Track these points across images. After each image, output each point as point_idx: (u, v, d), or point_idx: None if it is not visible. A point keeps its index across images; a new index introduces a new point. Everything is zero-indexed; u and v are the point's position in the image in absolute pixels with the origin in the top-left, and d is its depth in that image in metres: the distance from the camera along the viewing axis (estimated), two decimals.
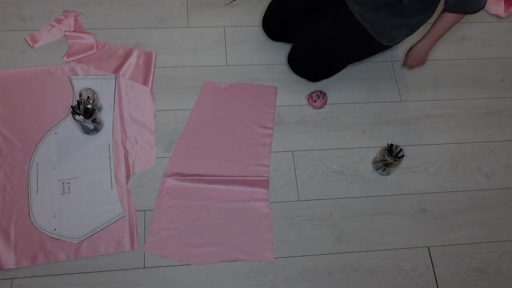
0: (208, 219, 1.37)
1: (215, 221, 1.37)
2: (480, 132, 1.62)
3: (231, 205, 1.39)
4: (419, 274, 1.37)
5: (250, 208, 1.39)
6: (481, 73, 1.74)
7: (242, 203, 1.40)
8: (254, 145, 1.50)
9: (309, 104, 1.59)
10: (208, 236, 1.35)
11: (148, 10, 1.75)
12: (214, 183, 1.41)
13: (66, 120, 1.49)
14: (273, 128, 1.54)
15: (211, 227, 1.36)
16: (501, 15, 1.86)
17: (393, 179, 1.51)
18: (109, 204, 1.38)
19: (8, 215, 1.34)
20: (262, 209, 1.40)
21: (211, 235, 1.35)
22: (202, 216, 1.37)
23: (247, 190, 1.41)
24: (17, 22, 1.67)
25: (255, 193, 1.41)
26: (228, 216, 1.38)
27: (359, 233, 1.41)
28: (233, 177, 1.42)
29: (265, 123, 1.54)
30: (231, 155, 1.47)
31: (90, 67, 1.59)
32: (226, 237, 1.35)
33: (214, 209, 1.38)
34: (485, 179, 1.54)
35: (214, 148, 1.47)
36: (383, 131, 1.58)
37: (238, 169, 1.44)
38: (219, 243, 1.34)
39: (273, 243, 1.36)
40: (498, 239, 1.44)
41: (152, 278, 1.31)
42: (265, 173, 1.45)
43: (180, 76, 1.62)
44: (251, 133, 1.52)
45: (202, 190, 1.40)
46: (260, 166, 1.46)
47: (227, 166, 1.45)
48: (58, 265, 1.30)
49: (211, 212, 1.37)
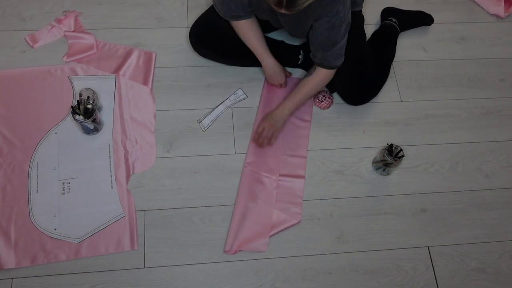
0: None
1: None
2: (480, 132, 1.62)
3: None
4: (419, 274, 1.37)
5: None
6: (481, 73, 1.74)
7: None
8: (293, 136, 1.53)
9: (316, 104, 1.59)
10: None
11: (148, 10, 1.75)
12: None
13: (66, 120, 1.49)
14: (311, 121, 1.57)
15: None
16: (501, 15, 1.86)
17: (393, 179, 1.51)
18: (109, 204, 1.38)
19: (8, 215, 1.34)
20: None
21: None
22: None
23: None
24: (17, 22, 1.67)
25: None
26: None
27: (359, 233, 1.41)
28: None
29: (303, 116, 1.56)
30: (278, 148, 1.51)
31: (90, 67, 1.59)
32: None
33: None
34: (485, 179, 1.54)
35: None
36: (383, 131, 1.58)
37: (280, 161, 1.49)
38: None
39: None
40: (498, 239, 1.44)
41: (152, 278, 1.31)
42: (302, 169, 1.49)
43: (180, 76, 1.62)
44: (290, 125, 1.54)
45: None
46: (298, 158, 1.50)
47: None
48: (58, 265, 1.30)
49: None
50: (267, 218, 1.40)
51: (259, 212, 1.40)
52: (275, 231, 1.38)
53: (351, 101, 1.58)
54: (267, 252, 1.36)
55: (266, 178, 1.45)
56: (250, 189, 1.43)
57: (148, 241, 1.35)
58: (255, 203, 1.41)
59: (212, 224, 1.39)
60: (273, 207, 1.41)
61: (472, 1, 1.90)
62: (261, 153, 1.49)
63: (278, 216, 1.40)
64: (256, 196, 1.42)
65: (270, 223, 1.39)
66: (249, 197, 1.42)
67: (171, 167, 1.46)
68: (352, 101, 1.58)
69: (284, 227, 1.39)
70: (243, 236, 1.36)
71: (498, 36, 1.83)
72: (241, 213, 1.39)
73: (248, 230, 1.37)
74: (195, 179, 1.45)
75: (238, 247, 1.34)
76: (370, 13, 1.78)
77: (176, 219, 1.39)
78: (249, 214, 1.39)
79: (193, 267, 1.33)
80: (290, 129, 1.54)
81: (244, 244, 1.35)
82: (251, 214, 1.39)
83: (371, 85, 1.57)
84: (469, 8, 1.88)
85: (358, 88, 1.55)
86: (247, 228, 1.37)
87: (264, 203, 1.41)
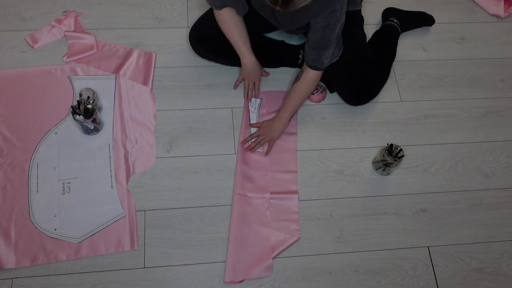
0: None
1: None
2: (480, 132, 1.62)
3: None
4: (419, 274, 1.37)
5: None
6: (481, 73, 1.74)
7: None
8: (279, 152, 1.49)
9: (308, 97, 1.59)
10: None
11: (148, 10, 1.75)
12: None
13: (66, 120, 1.49)
14: (296, 133, 1.53)
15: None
16: (501, 15, 1.86)
17: (393, 179, 1.51)
18: (109, 204, 1.38)
19: (8, 215, 1.34)
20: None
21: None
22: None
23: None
24: (17, 22, 1.67)
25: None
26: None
27: (359, 233, 1.41)
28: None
29: (288, 130, 1.53)
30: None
31: (90, 67, 1.59)
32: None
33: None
34: (485, 179, 1.54)
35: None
36: (383, 131, 1.58)
37: (271, 178, 1.45)
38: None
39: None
40: (498, 239, 1.44)
41: (152, 278, 1.31)
42: (294, 184, 1.46)
43: (180, 76, 1.62)
44: (279, 142, 1.51)
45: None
46: (288, 173, 1.47)
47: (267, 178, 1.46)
48: (58, 265, 1.30)
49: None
50: (265, 240, 1.36)
51: (255, 236, 1.36)
52: (277, 252, 1.35)
53: (351, 101, 1.58)
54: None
55: (256, 199, 1.41)
56: (241, 214, 1.39)
57: (148, 241, 1.35)
58: (249, 227, 1.37)
59: (212, 224, 1.39)
60: (270, 228, 1.38)
61: (472, 1, 1.90)
62: (248, 175, 1.45)
63: (276, 236, 1.37)
64: (249, 220, 1.38)
65: (269, 245, 1.35)
66: (242, 222, 1.38)
67: (171, 167, 1.46)
68: (352, 101, 1.58)
69: (285, 247, 1.36)
70: (244, 264, 1.32)
71: (498, 36, 1.83)
72: (237, 241, 1.35)
73: (248, 256, 1.33)
74: (195, 179, 1.45)
75: (242, 276, 1.31)
76: (370, 13, 1.78)
77: (176, 219, 1.39)
78: (246, 240, 1.36)
79: (193, 267, 1.33)
80: (276, 146, 1.50)
81: (247, 272, 1.31)
82: (248, 239, 1.36)
83: (371, 86, 1.57)
84: (469, 8, 1.88)
85: (358, 89, 1.55)
86: (247, 255, 1.33)
87: (259, 226, 1.38)
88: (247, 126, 1.53)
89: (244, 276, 1.31)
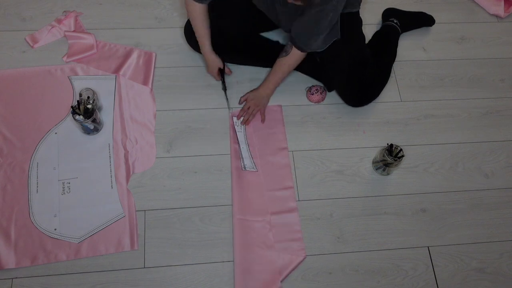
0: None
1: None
2: (480, 132, 1.62)
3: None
4: (419, 274, 1.37)
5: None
6: (481, 73, 1.74)
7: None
8: (273, 170, 1.48)
9: (307, 96, 1.59)
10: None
11: (148, 10, 1.75)
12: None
13: (66, 120, 1.49)
14: (287, 148, 1.52)
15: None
16: (501, 15, 1.86)
17: (393, 179, 1.51)
18: (109, 204, 1.38)
19: (8, 215, 1.34)
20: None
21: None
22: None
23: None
24: (17, 22, 1.67)
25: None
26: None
27: (359, 233, 1.41)
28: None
29: (279, 145, 1.52)
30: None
31: (90, 67, 1.59)
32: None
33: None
34: (485, 179, 1.54)
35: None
36: (383, 131, 1.58)
37: (268, 198, 1.44)
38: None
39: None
40: (498, 239, 1.44)
41: (152, 278, 1.31)
42: (292, 201, 1.44)
43: (180, 76, 1.62)
44: (267, 161, 1.50)
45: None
46: (285, 190, 1.45)
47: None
48: (58, 265, 1.30)
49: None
50: (272, 264, 1.33)
51: (261, 261, 1.33)
52: (284, 274, 1.32)
53: (351, 102, 1.58)
54: None
55: (257, 222, 1.38)
56: (244, 240, 1.36)
57: (148, 241, 1.35)
58: (253, 253, 1.34)
59: (212, 224, 1.39)
60: (274, 251, 1.35)
61: (472, 1, 1.90)
62: (246, 197, 1.42)
63: (282, 258, 1.34)
64: (252, 244, 1.35)
65: (276, 269, 1.32)
66: (245, 248, 1.35)
67: (171, 167, 1.46)
68: (353, 102, 1.58)
69: (292, 268, 1.33)
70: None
71: (498, 36, 1.83)
72: (243, 268, 1.32)
73: (255, 282, 1.30)
74: (195, 179, 1.45)
75: None
76: (371, 14, 1.78)
77: (176, 219, 1.39)
78: (251, 266, 1.32)
79: (193, 267, 1.33)
80: (268, 165, 1.48)
81: None
82: (253, 265, 1.32)
83: (371, 87, 1.57)
84: (469, 8, 1.89)
85: (358, 90, 1.55)
86: (254, 281, 1.30)
87: (263, 250, 1.35)
88: (235, 142, 1.51)
89: None
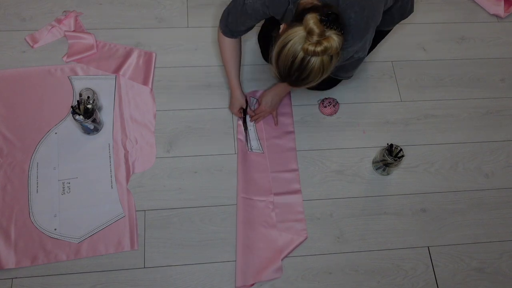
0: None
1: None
2: (480, 132, 1.62)
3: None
4: (419, 274, 1.37)
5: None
6: (481, 73, 1.74)
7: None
8: (279, 152, 1.50)
9: (320, 109, 1.59)
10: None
11: (148, 10, 1.75)
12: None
13: (66, 120, 1.49)
14: (294, 132, 1.54)
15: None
16: (501, 15, 1.86)
17: (393, 179, 1.51)
18: (109, 204, 1.38)
19: (8, 215, 1.34)
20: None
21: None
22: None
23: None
24: (17, 22, 1.67)
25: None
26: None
27: (359, 233, 1.41)
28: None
29: (286, 128, 1.54)
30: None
31: (90, 67, 1.59)
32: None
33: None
34: (485, 179, 1.54)
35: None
36: (383, 131, 1.58)
37: (273, 179, 1.46)
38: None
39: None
40: (498, 239, 1.44)
41: (152, 278, 1.31)
42: (297, 183, 1.46)
43: (180, 76, 1.62)
44: (274, 143, 1.52)
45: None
46: (290, 172, 1.47)
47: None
48: (58, 265, 1.30)
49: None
50: (273, 242, 1.36)
51: (262, 239, 1.36)
52: (285, 253, 1.35)
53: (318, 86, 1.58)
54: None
55: (261, 202, 1.42)
56: (247, 218, 1.38)
57: (148, 241, 1.35)
58: (255, 231, 1.37)
59: (212, 224, 1.39)
60: (276, 230, 1.38)
61: (472, 1, 1.90)
62: (250, 177, 1.45)
63: (284, 237, 1.37)
64: (255, 223, 1.38)
65: (277, 247, 1.35)
66: (248, 226, 1.37)
67: (171, 167, 1.46)
68: (322, 86, 1.57)
69: (293, 247, 1.36)
70: (253, 268, 1.32)
71: (498, 36, 1.83)
72: (244, 245, 1.35)
73: (257, 260, 1.33)
74: (195, 179, 1.45)
75: (253, 280, 1.30)
76: None
77: (176, 219, 1.39)
78: (253, 243, 1.35)
79: (193, 267, 1.33)
80: (274, 147, 1.51)
81: (258, 275, 1.31)
82: (255, 243, 1.36)
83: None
84: (469, 8, 1.88)
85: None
86: (256, 258, 1.33)
87: (265, 228, 1.38)
88: (241, 125, 1.54)
89: (255, 279, 1.30)
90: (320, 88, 1.59)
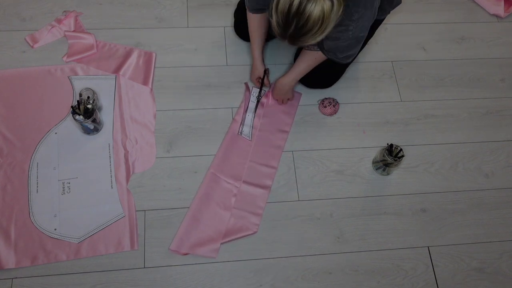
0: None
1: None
2: (480, 132, 1.62)
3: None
4: (419, 274, 1.37)
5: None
6: (481, 73, 1.74)
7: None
8: (267, 146, 1.51)
9: (319, 109, 1.59)
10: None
11: (148, 10, 1.75)
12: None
13: (66, 120, 1.49)
14: (289, 132, 1.55)
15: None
16: (501, 15, 1.86)
17: (393, 179, 1.51)
18: (109, 204, 1.38)
19: (8, 215, 1.34)
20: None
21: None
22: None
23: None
24: (17, 22, 1.67)
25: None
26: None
27: (359, 233, 1.41)
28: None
29: (282, 127, 1.55)
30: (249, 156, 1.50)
31: (90, 67, 1.59)
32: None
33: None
34: (485, 179, 1.54)
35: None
36: (383, 131, 1.59)
37: (248, 168, 1.47)
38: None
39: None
40: (498, 239, 1.44)
41: (152, 278, 1.31)
42: (270, 179, 1.47)
43: (180, 76, 1.62)
44: (267, 135, 1.53)
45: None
46: (268, 167, 1.48)
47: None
48: (58, 265, 1.30)
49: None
50: (221, 224, 1.38)
51: (212, 217, 1.38)
52: (228, 239, 1.36)
53: (314, 85, 1.60)
54: (267, 252, 1.36)
55: (227, 183, 1.44)
56: (207, 193, 1.41)
57: (148, 241, 1.35)
58: (209, 208, 1.40)
59: None
60: (229, 214, 1.39)
61: (472, 1, 1.90)
62: (228, 158, 1.47)
63: (234, 224, 1.38)
64: (212, 200, 1.41)
65: (222, 230, 1.37)
66: (205, 201, 1.40)
67: (171, 167, 1.46)
68: (315, 85, 1.59)
69: (238, 236, 1.37)
70: (193, 239, 1.35)
71: (498, 36, 1.83)
72: (194, 216, 1.38)
73: (198, 233, 1.36)
74: (195, 179, 1.45)
75: (187, 250, 1.33)
76: None
77: (176, 219, 1.39)
78: (202, 218, 1.38)
79: (193, 267, 1.33)
80: (265, 139, 1.52)
81: (194, 247, 1.34)
82: (204, 218, 1.38)
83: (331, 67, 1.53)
84: (469, 8, 1.89)
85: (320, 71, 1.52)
86: (199, 233, 1.36)
87: (220, 209, 1.40)
88: (243, 107, 1.56)
89: (189, 250, 1.34)
90: (320, 86, 1.60)
